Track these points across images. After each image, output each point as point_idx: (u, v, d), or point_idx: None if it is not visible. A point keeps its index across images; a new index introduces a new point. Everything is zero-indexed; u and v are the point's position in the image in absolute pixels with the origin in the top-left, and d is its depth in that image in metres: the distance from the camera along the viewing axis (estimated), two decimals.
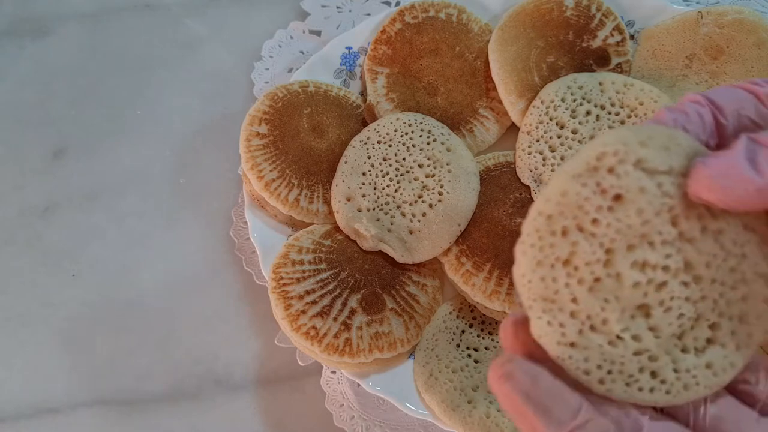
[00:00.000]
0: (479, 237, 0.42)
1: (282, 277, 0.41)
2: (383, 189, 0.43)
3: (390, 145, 0.44)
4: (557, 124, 0.43)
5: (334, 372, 0.43)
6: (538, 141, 0.43)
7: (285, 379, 0.44)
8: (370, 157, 0.43)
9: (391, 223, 0.42)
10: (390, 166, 0.43)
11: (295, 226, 0.44)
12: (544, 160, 0.43)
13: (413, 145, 0.43)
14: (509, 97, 0.45)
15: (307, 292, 0.40)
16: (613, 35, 0.46)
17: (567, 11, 0.46)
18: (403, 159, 0.43)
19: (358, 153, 0.44)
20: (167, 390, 0.45)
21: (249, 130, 0.44)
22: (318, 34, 0.52)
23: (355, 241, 0.43)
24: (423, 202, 0.42)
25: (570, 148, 0.42)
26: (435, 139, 0.44)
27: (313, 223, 0.44)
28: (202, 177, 0.50)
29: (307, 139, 0.44)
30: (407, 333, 0.40)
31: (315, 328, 0.39)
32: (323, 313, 0.39)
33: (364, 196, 0.43)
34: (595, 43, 0.45)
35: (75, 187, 0.50)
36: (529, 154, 0.43)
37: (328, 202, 0.43)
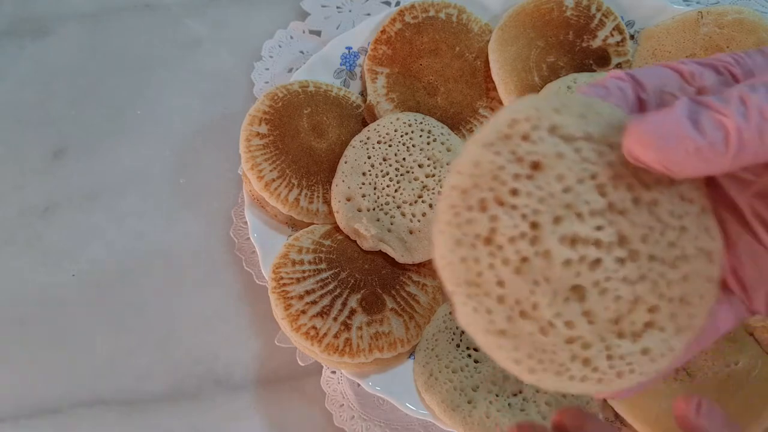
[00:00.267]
0: None
1: (282, 277, 0.40)
2: (383, 189, 0.43)
3: (390, 145, 0.44)
4: None
5: (334, 372, 0.43)
6: None
7: (285, 379, 0.44)
8: (370, 157, 0.43)
9: (391, 223, 0.42)
10: (390, 166, 0.43)
11: (295, 226, 0.44)
12: None
13: (413, 145, 0.43)
14: (509, 97, 0.44)
15: (307, 292, 0.40)
16: (613, 35, 0.45)
17: (567, 11, 0.46)
18: (403, 159, 0.43)
19: (358, 153, 0.44)
20: (167, 390, 0.44)
21: (249, 130, 0.44)
22: (318, 34, 0.52)
23: (355, 241, 0.42)
24: (423, 202, 0.42)
25: None
26: (435, 139, 0.44)
27: (313, 223, 0.44)
28: (202, 177, 0.50)
29: (307, 139, 0.44)
30: (407, 333, 0.40)
31: (315, 328, 0.39)
32: (323, 313, 0.39)
33: (364, 196, 0.42)
34: (595, 43, 0.45)
35: (75, 187, 0.50)
36: None
37: (328, 202, 0.43)
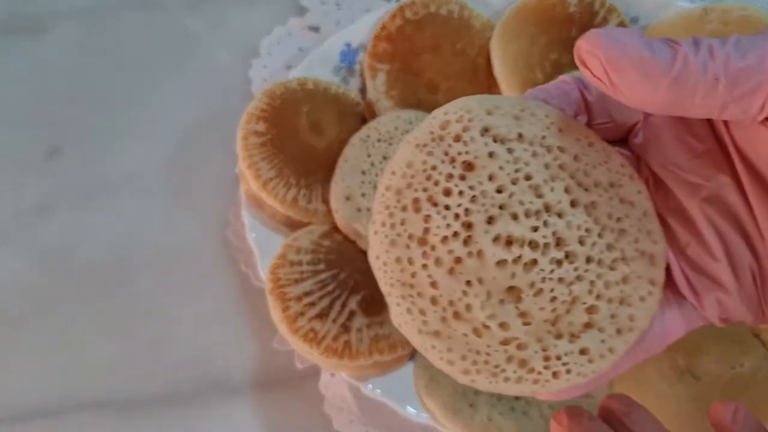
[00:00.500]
0: None
1: (280, 278, 0.40)
2: None
3: (390, 144, 0.43)
4: None
5: (333, 375, 0.43)
6: None
7: (283, 382, 0.44)
8: (369, 156, 0.43)
9: None
10: None
11: (294, 226, 0.44)
12: None
13: None
14: (512, 94, 0.44)
15: (306, 294, 0.40)
16: None
17: (570, 7, 0.46)
18: None
19: (358, 151, 0.43)
20: (164, 392, 0.44)
21: (246, 128, 0.43)
22: (317, 30, 0.52)
23: (354, 242, 0.42)
24: None
25: None
26: None
27: (311, 223, 0.43)
28: (199, 176, 0.49)
29: (305, 137, 0.44)
30: None
31: (314, 330, 0.39)
32: (322, 315, 0.39)
33: (363, 195, 0.42)
34: None
35: (71, 186, 0.50)
36: None
37: (327, 201, 0.43)
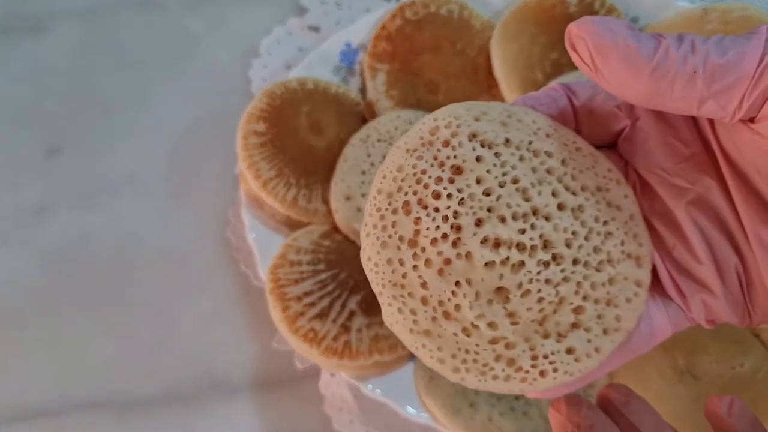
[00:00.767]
0: None
1: (280, 278, 0.40)
2: None
3: (390, 143, 0.43)
4: None
5: (333, 375, 0.43)
6: None
7: (283, 382, 0.44)
8: (369, 156, 0.43)
9: None
10: None
11: (294, 226, 0.44)
12: None
13: None
14: (512, 94, 0.44)
15: (306, 294, 0.40)
16: None
17: (570, 7, 0.45)
18: None
19: (358, 151, 0.43)
20: (163, 392, 0.44)
21: (246, 128, 0.43)
22: (317, 30, 0.52)
23: (354, 242, 0.42)
24: None
25: None
26: None
27: (311, 223, 0.43)
28: (199, 176, 0.49)
29: (305, 137, 0.44)
30: None
31: (314, 330, 0.39)
32: (322, 315, 0.39)
33: (363, 196, 0.42)
34: None
35: (70, 186, 0.49)
36: None
37: (326, 201, 0.43)
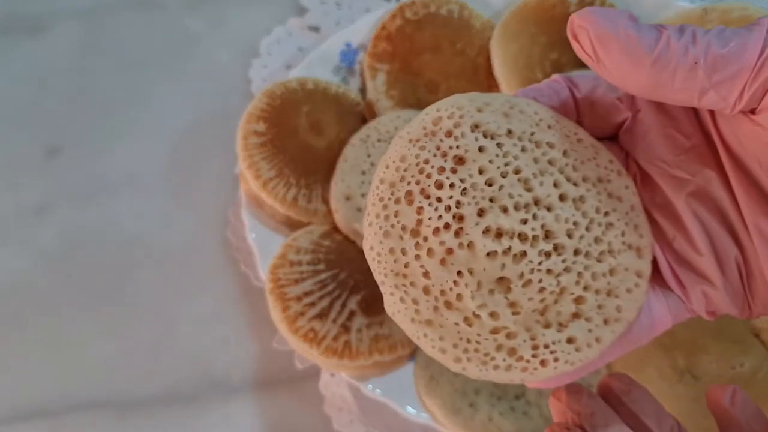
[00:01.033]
0: None
1: (280, 278, 0.40)
2: None
3: (390, 143, 0.43)
4: None
5: (333, 375, 0.43)
6: None
7: (283, 382, 0.44)
8: (369, 156, 0.43)
9: None
10: None
11: (294, 226, 0.44)
12: None
13: None
14: None
15: (306, 294, 0.40)
16: None
17: (570, 7, 0.45)
18: None
19: (358, 151, 0.43)
20: (163, 392, 0.44)
21: (246, 128, 0.43)
22: (317, 30, 0.52)
23: (354, 242, 0.42)
24: None
25: None
26: None
27: (311, 223, 0.43)
28: (199, 176, 0.49)
29: (305, 137, 0.44)
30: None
31: (314, 330, 0.39)
32: (322, 315, 0.39)
33: (363, 196, 0.42)
34: None
35: (70, 186, 0.49)
36: None
37: (326, 201, 0.43)
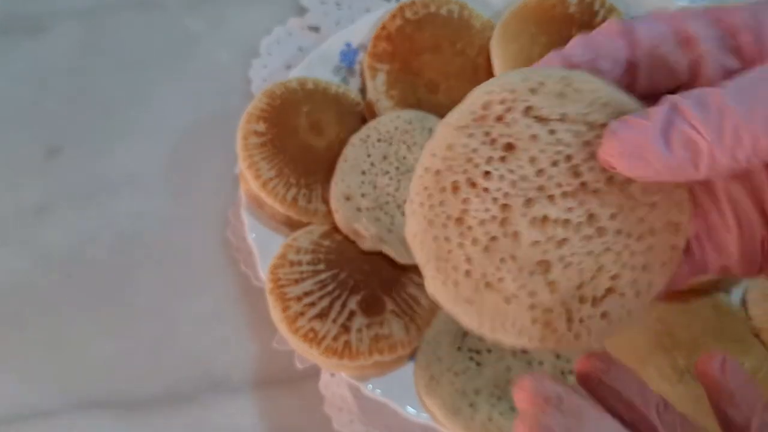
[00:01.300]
0: None
1: (280, 278, 0.40)
2: (383, 188, 0.42)
3: (390, 143, 0.43)
4: None
5: (333, 375, 0.43)
6: None
7: (283, 382, 0.44)
8: (369, 156, 0.43)
9: (392, 223, 0.42)
10: (390, 164, 0.43)
11: (294, 226, 0.44)
12: None
13: (414, 143, 0.43)
14: None
15: (306, 294, 0.40)
16: None
17: (570, 7, 0.46)
18: (404, 157, 0.43)
19: (358, 151, 0.43)
20: (163, 392, 0.44)
21: (246, 128, 0.43)
22: (317, 30, 0.52)
23: (354, 242, 0.42)
24: None
25: None
26: None
27: (311, 223, 0.43)
28: (199, 176, 0.49)
29: (305, 137, 0.44)
30: (408, 335, 0.40)
31: (314, 330, 0.39)
32: (322, 315, 0.39)
33: (363, 195, 0.42)
34: None
35: (70, 186, 0.49)
36: None
37: (326, 201, 0.43)
